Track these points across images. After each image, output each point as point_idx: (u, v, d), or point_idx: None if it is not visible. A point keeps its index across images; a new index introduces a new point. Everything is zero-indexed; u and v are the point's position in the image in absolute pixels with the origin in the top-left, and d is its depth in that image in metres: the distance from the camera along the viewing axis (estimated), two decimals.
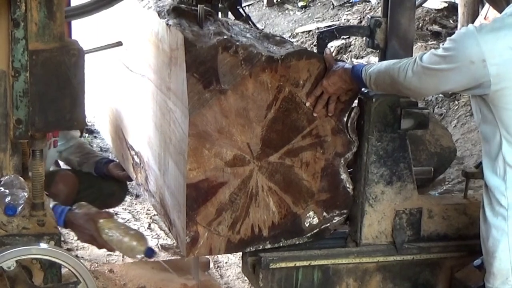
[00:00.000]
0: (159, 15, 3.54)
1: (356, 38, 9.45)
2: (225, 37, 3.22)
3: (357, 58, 9.30)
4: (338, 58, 9.08)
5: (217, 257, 5.21)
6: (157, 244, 5.35)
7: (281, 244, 3.43)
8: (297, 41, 10.25)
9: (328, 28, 3.53)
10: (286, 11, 11.64)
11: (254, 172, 3.30)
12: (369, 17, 3.53)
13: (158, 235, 5.52)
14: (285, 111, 3.28)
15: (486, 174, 2.97)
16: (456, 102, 7.79)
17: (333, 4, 11.24)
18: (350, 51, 9.63)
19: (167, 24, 3.40)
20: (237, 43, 3.19)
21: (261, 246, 3.41)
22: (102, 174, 4.47)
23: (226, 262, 5.13)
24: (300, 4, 11.61)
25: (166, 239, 5.42)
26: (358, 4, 10.88)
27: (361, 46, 9.41)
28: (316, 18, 11.04)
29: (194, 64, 3.13)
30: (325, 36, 3.47)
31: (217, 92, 3.17)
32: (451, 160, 4.19)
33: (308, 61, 3.27)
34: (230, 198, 3.30)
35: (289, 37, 10.45)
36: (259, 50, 3.22)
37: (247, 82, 3.20)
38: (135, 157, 4.04)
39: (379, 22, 3.49)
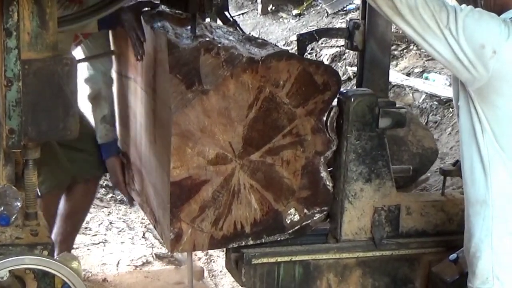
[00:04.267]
0: (144, 19, 3.64)
1: None
2: (207, 39, 3.31)
3: (351, 66, 9.39)
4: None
5: (212, 265, 5.25)
6: (151, 253, 5.41)
7: (263, 240, 3.50)
8: (292, 49, 10.33)
9: (308, 31, 3.62)
10: (281, 19, 11.73)
11: (236, 170, 3.37)
12: (348, 19, 3.62)
13: (153, 244, 5.59)
14: (265, 111, 3.35)
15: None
16: (451, 110, 7.86)
17: (327, 12, 11.33)
18: (345, 59, 9.71)
19: (152, 27, 3.50)
20: (219, 45, 3.26)
21: (243, 242, 3.47)
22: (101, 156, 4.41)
23: (220, 271, 5.16)
24: (295, 12, 11.71)
25: (160, 248, 5.47)
26: (353, 12, 10.96)
27: (355, 53, 9.47)
28: (311, 26, 11.13)
29: (177, 65, 3.21)
30: (305, 38, 3.57)
31: (200, 92, 3.25)
32: (433, 161, 4.25)
33: (288, 62, 3.33)
34: (213, 195, 3.37)
35: (284, 45, 10.53)
36: (240, 51, 3.29)
37: (228, 82, 3.27)
38: (122, 157, 4.15)
39: (358, 24, 3.59)
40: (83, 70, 4.30)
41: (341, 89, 3.47)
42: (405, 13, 2.79)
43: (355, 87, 4.10)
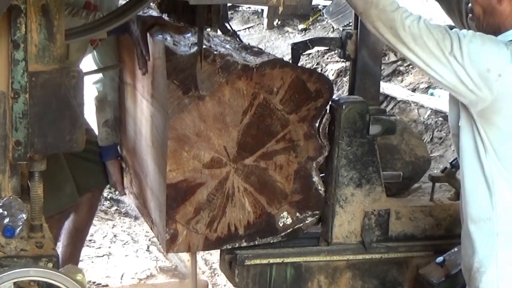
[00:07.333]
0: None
1: None
2: (203, 46, 3.42)
3: None
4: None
5: (216, 279, 5.26)
6: (155, 266, 5.44)
7: (256, 243, 3.58)
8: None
9: (302, 40, 3.73)
10: (286, 34, 11.79)
11: (231, 174, 3.46)
12: (341, 29, 3.72)
13: (157, 257, 5.62)
14: (260, 117, 3.44)
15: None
16: None
17: (333, 27, 11.40)
18: None
19: (151, 35, 3.62)
20: (215, 52, 3.36)
21: (237, 244, 3.55)
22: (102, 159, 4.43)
23: (224, 285, 5.19)
24: (300, 27, 11.77)
25: (164, 261, 5.50)
26: None
27: None
28: None
29: (174, 71, 3.31)
30: (299, 47, 3.68)
31: (196, 98, 3.34)
32: (426, 169, 4.31)
33: (282, 70, 3.43)
34: (207, 198, 3.45)
35: (289, 59, 10.58)
36: (236, 59, 3.38)
37: (224, 89, 3.37)
38: (121, 161, 4.25)
39: (350, 34, 3.68)
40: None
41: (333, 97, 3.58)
42: (408, 41, 2.88)
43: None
